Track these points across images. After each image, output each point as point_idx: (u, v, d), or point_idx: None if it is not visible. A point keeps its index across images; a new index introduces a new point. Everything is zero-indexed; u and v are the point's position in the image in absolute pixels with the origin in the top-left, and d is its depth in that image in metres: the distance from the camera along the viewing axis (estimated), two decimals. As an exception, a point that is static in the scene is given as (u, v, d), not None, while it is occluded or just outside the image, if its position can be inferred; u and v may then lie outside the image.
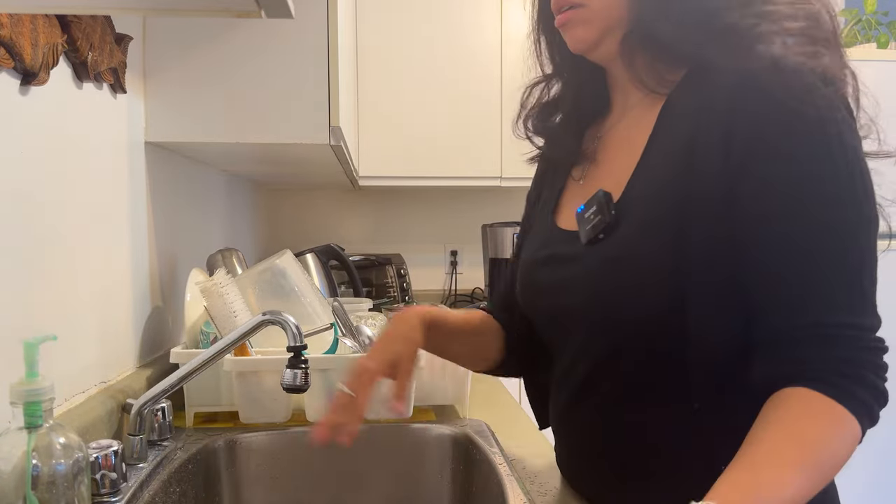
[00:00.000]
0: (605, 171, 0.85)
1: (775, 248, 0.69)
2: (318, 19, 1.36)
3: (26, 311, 0.92)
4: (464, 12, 2.62)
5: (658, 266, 0.72)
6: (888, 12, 2.63)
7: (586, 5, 0.79)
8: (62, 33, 0.98)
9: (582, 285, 0.80)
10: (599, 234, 0.77)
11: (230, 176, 2.19)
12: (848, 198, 0.68)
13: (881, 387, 0.67)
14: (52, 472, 0.71)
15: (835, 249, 0.68)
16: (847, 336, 0.67)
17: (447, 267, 3.14)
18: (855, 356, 0.67)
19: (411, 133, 2.61)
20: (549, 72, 0.93)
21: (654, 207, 0.74)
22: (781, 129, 0.69)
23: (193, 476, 1.11)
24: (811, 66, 0.70)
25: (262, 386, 1.24)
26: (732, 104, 0.70)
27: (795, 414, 0.65)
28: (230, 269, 1.59)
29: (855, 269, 0.68)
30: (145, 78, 1.35)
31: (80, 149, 1.09)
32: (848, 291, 0.68)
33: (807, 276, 0.68)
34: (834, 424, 0.65)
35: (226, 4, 0.64)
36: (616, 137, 0.86)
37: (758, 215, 0.69)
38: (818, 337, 0.67)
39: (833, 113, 0.69)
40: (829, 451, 0.64)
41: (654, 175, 0.76)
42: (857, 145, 0.70)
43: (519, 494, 0.94)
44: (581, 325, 0.82)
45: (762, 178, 0.69)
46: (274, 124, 1.36)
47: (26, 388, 0.70)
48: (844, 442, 0.65)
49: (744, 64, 0.71)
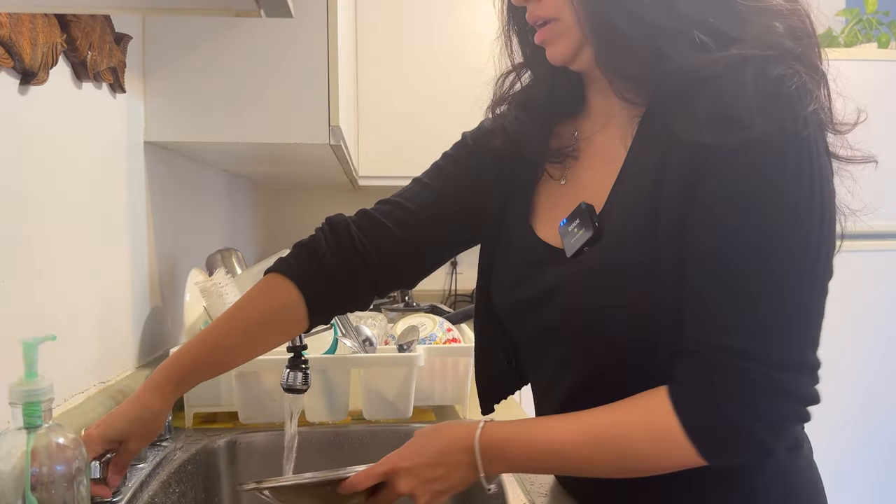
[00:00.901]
0: (588, 176, 0.83)
1: (699, 265, 0.69)
2: (318, 19, 1.36)
3: (26, 311, 0.92)
4: (463, 12, 2.61)
5: (636, 280, 0.72)
6: (888, 12, 2.63)
7: (559, 19, 0.76)
8: (61, 33, 0.98)
9: (563, 299, 0.78)
10: (584, 247, 0.76)
11: (230, 176, 2.19)
12: (787, 227, 0.66)
13: (735, 421, 0.66)
14: (52, 472, 0.70)
15: (750, 274, 0.66)
16: (723, 362, 0.67)
17: (447, 267, 3.13)
18: (725, 384, 0.66)
19: (411, 133, 2.61)
20: (520, 62, 0.90)
21: (631, 223, 0.73)
22: (735, 157, 0.67)
23: (193, 476, 1.11)
24: (780, 85, 0.67)
25: (262, 386, 1.23)
26: (696, 130, 0.69)
27: (631, 403, 0.71)
28: (230, 269, 1.59)
29: (770, 298, 0.66)
30: (145, 77, 1.35)
31: (79, 148, 1.09)
32: (753, 319, 0.66)
33: (715, 295, 0.68)
34: (655, 430, 0.69)
35: (225, 4, 0.64)
36: (598, 144, 0.83)
37: (694, 232, 0.69)
38: (699, 355, 0.68)
39: (798, 136, 0.66)
40: (629, 442, 0.70)
41: (631, 189, 0.75)
42: (815, 172, 0.67)
43: (519, 495, 0.94)
44: (564, 339, 0.81)
45: (707, 199, 0.68)
46: (274, 124, 1.36)
47: (25, 389, 0.70)
48: (657, 447, 0.69)
49: (707, 88, 0.69)
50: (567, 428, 0.73)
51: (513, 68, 0.90)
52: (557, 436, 0.73)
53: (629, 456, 0.71)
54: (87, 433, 0.86)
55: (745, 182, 0.67)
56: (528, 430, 0.75)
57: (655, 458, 0.70)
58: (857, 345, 2.45)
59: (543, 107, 0.88)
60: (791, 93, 0.67)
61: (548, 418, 0.77)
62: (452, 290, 3.11)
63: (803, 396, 0.67)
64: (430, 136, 2.63)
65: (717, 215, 0.68)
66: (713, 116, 0.68)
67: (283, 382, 1.00)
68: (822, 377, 0.69)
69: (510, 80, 0.91)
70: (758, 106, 0.66)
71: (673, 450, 0.68)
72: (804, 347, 0.68)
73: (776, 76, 0.68)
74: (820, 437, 0.89)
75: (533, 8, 0.78)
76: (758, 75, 0.68)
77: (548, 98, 0.88)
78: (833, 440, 2.35)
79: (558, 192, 0.85)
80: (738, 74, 0.68)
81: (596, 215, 0.77)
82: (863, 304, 2.44)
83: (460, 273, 3.12)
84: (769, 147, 0.66)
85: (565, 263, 0.79)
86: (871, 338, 2.48)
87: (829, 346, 0.74)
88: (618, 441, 0.71)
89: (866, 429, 2.48)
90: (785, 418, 0.67)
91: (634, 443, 0.70)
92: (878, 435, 2.49)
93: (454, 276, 3.12)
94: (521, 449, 0.74)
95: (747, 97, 0.67)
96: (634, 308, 0.72)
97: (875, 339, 2.48)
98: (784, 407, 0.67)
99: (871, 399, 2.47)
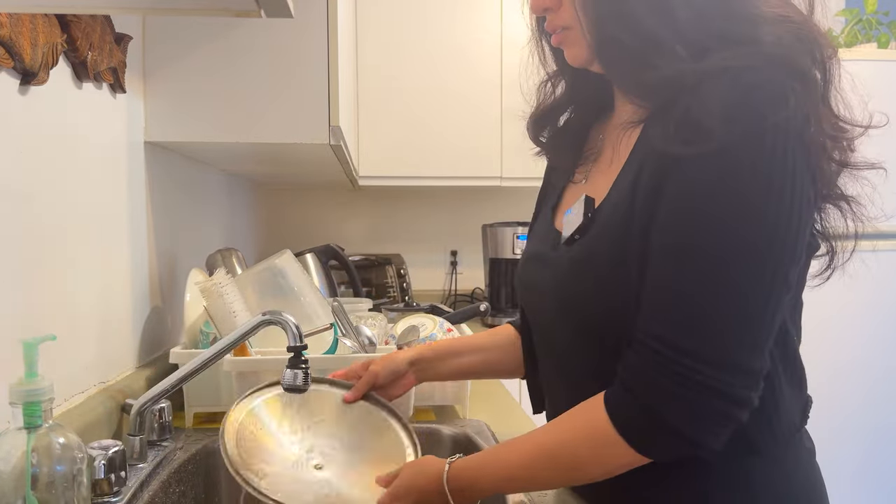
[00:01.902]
0: (600, 175, 0.87)
1: (656, 261, 0.71)
2: (318, 19, 1.36)
3: (26, 311, 0.92)
4: (464, 12, 2.61)
5: (609, 271, 0.75)
6: (888, 12, 2.62)
7: (571, 27, 0.81)
8: (62, 33, 0.98)
9: (549, 283, 0.84)
10: (575, 235, 0.81)
11: (230, 176, 2.19)
12: (741, 234, 0.67)
13: (664, 418, 0.68)
14: (52, 472, 0.70)
15: (688, 273, 0.68)
16: (656, 354, 0.68)
17: (447, 267, 3.13)
18: (656, 379, 0.68)
19: (411, 133, 2.61)
20: (554, 70, 0.94)
21: (612, 218, 0.76)
22: (697, 165, 0.69)
23: (193, 476, 1.11)
24: (748, 94, 0.68)
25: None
26: (665, 141, 0.71)
27: (574, 413, 0.75)
28: (230, 269, 1.59)
29: (705, 297, 0.67)
30: (145, 78, 1.35)
31: (79, 148, 1.09)
32: (688, 316, 0.68)
33: (658, 290, 0.70)
34: (593, 434, 0.72)
35: (225, 4, 0.64)
36: (614, 140, 0.86)
37: (656, 230, 0.71)
38: (644, 347, 0.70)
39: (762, 145, 0.67)
40: (573, 452, 0.74)
41: (620, 188, 0.78)
42: (778, 180, 0.67)
43: (519, 494, 0.94)
44: (551, 321, 0.85)
45: (669, 195, 0.71)
46: (274, 124, 1.36)
47: (26, 389, 0.70)
48: (595, 450, 0.72)
49: (697, 97, 0.70)
50: (522, 451, 0.78)
51: (548, 77, 0.95)
52: (515, 461, 0.78)
53: (574, 465, 0.74)
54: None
55: (704, 187, 0.68)
56: (490, 462, 0.81)
57: (597, 462, 0.73)
58: (862, 345, 2.44)
59: (575, 118, 0.94)
60: (759, 102, 0.68)
61: (507, 444, 0.81)
62: (452, 290, 3.11)
63: (737, 398, 0.68)
64: (430, 136, 2.65)
65: (675, 217, 0.70)
66: (681, 128, 0.69)
67: (283, 381, 1.00)
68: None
69: (548, 88, 0.95)
70: (720, 118, 0.67)
71: (610, 450, 0.71)
72: (746, 351, 0.68)
73: (746, 86, 0.68)
74: (822, 437, 0.89)
75: (551, 18, 0.83)
76: (729, 86, 0.69)
77: (578, 108, 0.93)
78: (836, 441, 2.35)
79: (578, 190, 0.90)
80: (710, 86, 0.69)
81: (592, 208, 0.81)
82: (873, 304, 2.44)
83: (460, 273, 3.12)
84: (728, 155, 0.67)
85: (560, 249, 0.84)
86: (874, 338, 2.48)
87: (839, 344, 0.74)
88: (563, 453, 0.74)
89: (870, 430, 2.48)
90: (712, 416, 0.68)
91: (577, 451, 0.73)
92: (881, 435, 2.49)
93: (454, 276, 3.12)
94: (486, 482, 0.79)
95: (711, 110, 0.68)
96: (604, 298, 0.75)
97: (877, 339, 2.48)
98: (715, 406, 0.67)
99: (872, 399, 2.47)
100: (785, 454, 0.78)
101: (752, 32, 0.72)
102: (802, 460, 0.81)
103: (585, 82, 0.90)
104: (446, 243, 3.13)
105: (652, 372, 0.69)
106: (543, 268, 0.87)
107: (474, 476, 0.80)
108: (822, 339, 2.30)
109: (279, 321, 1.01)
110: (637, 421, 0.70)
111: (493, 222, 2.77)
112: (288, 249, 1.50)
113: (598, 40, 0.78)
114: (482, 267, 2.96)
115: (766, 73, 0.69)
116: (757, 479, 0.76)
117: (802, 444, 0.82)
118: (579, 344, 0.81)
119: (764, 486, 0.76)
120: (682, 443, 0.68)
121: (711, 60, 0.71)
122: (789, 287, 0.70)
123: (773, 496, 0.77)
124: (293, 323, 1.00)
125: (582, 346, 0.81)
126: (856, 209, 0.77)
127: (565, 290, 0.80)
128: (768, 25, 0.72)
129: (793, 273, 0.70)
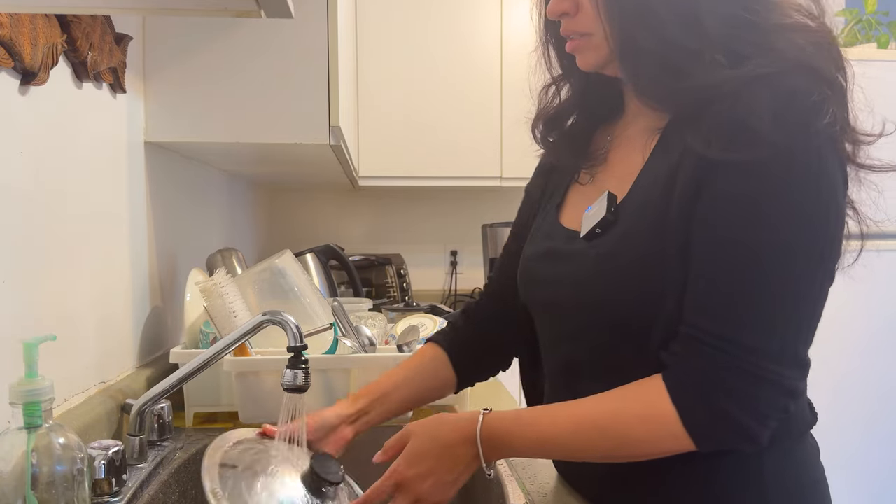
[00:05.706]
0: (613, 172, 0.87)
1: (702, 255, 0.72)
2: (318, 19, 1.36)
3: (26, 311, 0.92)
4: (464, 12, 2.61)
5: (643, 267, 0.75)
6: (888, 12, 2.62)
7: (592, 33, 0.80)
8: (62, 33, 0.98)
9: (571, 278, 0.83)
10: (596, 228, 0.80)
11: (230, 176, 2.19)
12: (788, 230, 0.69)
13: (727, 409, 0.69)
14: (52, 472, 0.70)
15: (750, 269, 0.69)
16: (716, 349, 0.69)
17: (447, 267, 3.13)
18: (724, 378, 0.69)
19: (411, 133, 2.61)
20: (559, 74, 0.94)
21: (644, 216, 0.77)
22: (743, 167, 0.70)
23: (193, 476, 1.11)
24: (792, 100, 0.69)
25: (262, 386, 1.23)
26: (707, 147, 0.71)
27: (627, 392, 0.74)
28: (230, 269, 1.59)
29: (767, 293, 0.69)
30: (145, 78, 1.35)
31: (79, 149, 1.09)
32: (750, 311, 0.69)
33: (716, 285, 0.71)
34: (652, 418, 0.71)
35: (225, 4, 0.65)
36: (628, 138, 0.87)
37: (700, 225, 0.72)
38: (694, 340, 0.71)
39: (807, 150, 0.69)
40: (626, 430, 0.73)
41: (647, 187, 0.78)
42: (822, 182, 0.70)
43: (519, 495, 0.94)
44: (572, 317, 0.85)
45: (716, 194, 0.71)
46: (274, 124, 1.36)
47: (26, 389, 0.70)
48: (653, 433, 0.71)
49: (731, 100, 0.71)
50: (569, 417, 0.76)
51: (553, 81, 0.95)
52: (561, 425, 0.76)
53: (623, 443, 0.74)
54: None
55: (760, 188, 0.69)
56: (526, 421, 0.79)
57: (649, 444, 0.73)
58: (862, 345, 2.44)
59: (581, 121, 0.94)
60: (803, 108, 0.69)
61: (544, 408, 0.81)
62: (452, 290, 3.11)
63: (790, 389, 0.69)
64: (430, 137, 2.65)
65: (732, 216, 0.71)
66: (724, 135, 0.70)
67: (283, 381, 1.00)
68: (811, 379, 0.72)
69: (552, 92, 0.95)
70: (769, 122, 0.68)
71: (668, 437, 0.71)
72: (796, 343, 0.70)
73: (788, 91, 0.69)
74: (825, 437, 0.89)
75: (567, 22, 0.82)
76: (771, 91, 0.70)
77: (584, 111, 0.93)
78: (839, 440, 2.35)
79: (586, 190, 0.90)
80: (752, 91, 0.70)
81: (616, 203, 0.81)
82: (872, 304, 2.43)
83: (460, 273, 3.13)
84: (777, 159, 0.69)
85: (578, 244, 0.83)
86: (874, 338, 2.47)
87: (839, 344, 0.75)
88: (615, 428, 0.73)
89: (873, 429, 2.48)
90: (771, 408, 0.69)
91: (630, 430, 0.73)
92: (885, 436, 2.49)
93: (454, 276, 3.12)
94: (521, 439, 0.78)
95: (759, 114, 0.69)
96: (634, 293, 0.76)
97: (878, 339, 2.48)
98: (772, 397, 0.69)
99: (874, 399, 2.47)
100: (796, 448, 0.80)
101: (776, 40, 0.73)
102: (811, 456, 0.82)
103: (594, 86, 0.90)
104: (446, 243, 3.13)
105: (721, 371, 0.69)
106: (560, 263, 0.86)
107: (509, 430, 0.78)
108: (822, 338, 2.29)
109: (279, 321, 1.01)
110: (702, 414, 0.70)
111: (493, 222, 2.77)
112: (288, 249, 1.50)
113: (623, 48, 0.77)
114: (482, 267, 2.96)
115: (802, 79, 0.70)
116: (768, 472, 0.77)
117: (811, 441, 0.83)
118: (606, 336, 0.81)
119: (774, 478, 0.77)
120: (743, 438, 0.69)
121: (747, 67, 0.71)
122: (832, 279, 0.73)
123: (782, 489, 0.78)
124: (293, 323, 1.00)
125: (610, 338, 0.80)
126: (862, 212, 0.79)
127: (593, 283, 0.80)
128: (791, 33, 0.74)
129: (834, 269, 0.73)
